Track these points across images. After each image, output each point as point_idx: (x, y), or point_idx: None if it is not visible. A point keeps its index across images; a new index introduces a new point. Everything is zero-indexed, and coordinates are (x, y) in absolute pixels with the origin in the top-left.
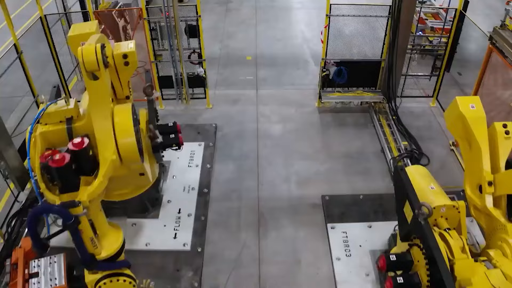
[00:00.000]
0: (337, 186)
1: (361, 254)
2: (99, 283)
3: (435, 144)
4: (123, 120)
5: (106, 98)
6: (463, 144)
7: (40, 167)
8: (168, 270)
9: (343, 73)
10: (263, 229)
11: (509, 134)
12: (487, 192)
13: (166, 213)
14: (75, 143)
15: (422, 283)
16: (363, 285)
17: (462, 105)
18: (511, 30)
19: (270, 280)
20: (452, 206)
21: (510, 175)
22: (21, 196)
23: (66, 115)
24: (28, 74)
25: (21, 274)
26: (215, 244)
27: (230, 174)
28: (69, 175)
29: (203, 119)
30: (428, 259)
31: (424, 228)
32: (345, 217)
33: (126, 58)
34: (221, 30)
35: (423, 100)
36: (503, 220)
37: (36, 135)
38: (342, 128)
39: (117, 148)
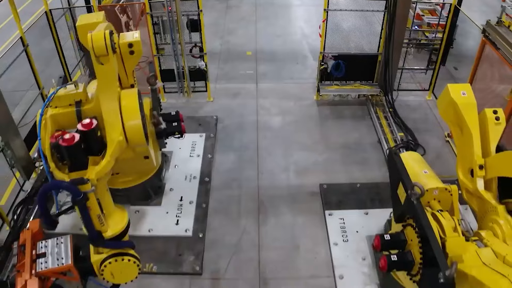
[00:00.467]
0: (335, 176)
1: (358, 240)
2: (104, 262)
3: (431, 136)
4: (129, 104)
5: (114, 81)
6: (455, 130)
7: (50, 147)
8: (170, 255)
9: (341, 66)
10: (263, 216)
11: (499, 120)
12: (478, 176)
13: (168, 201)
14: (84, 124)
15: (415, 261)
16: (359, 269)
17: (453, 92)
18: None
19: (270, 264)
20: (444, 189)
21: (500, 158)
22: (27, 185)
23: (75, 99)
24: (33, 67)
25: (28, 254)
26: (216, 230)
27: (230, 164)
28: (78, 154)
29: (204, 112)
30: (420, 237)
31: (417, 208)
32: (343, 204)
33: (132, 47)
34: (222, 26)
35: (419, 94)
36: (493, 202)
37: (47, 117)
38: (340, 120)
39: (124, 130)
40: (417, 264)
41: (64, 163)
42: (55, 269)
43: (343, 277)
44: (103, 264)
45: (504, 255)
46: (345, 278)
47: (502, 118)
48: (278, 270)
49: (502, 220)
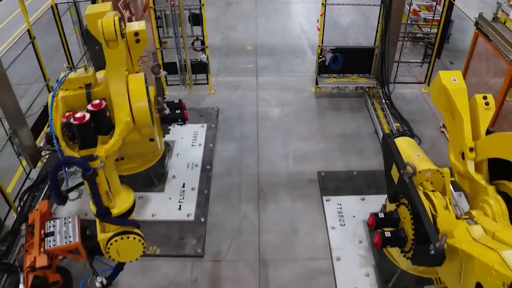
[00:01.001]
0: (332, 164)
1: (355, 224)
2: (110, 240)
3: (426, 126)
4: (137, 87)
5: (122, 65)
6: (446, 115)
7: (62, 126)
8: (173, 238)
9: (338, 59)
10: (263, 201)
11: (489, 105)
12: (469, 158)
13: (171, 187)
14: (94, 104)
15: (408, 237)
16: (356, 251)
17: (444, 78)
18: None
19: (269, 247)
20: (436, 171)
21: (489, 140)
22: (33, 173)
23: (85, 82)
24: (40, 58)
25: (37, 233)
26: (217, 215)
27: (231, 153)
28: (88, 132)
29: (206, 104)
30: (413, 214)
31: (409, 186)
32: (340, 191)
33: (137, 36)
34: (222, 22)
35: (415, 86)
36: (483, 183)
37: (58, 99)
38: (337, 112)
39: (131, 111)
40: (410, 241)
41: (75, 142)
42: (63, 247)
43: (340, 259)
44: (109, 242)
45: (494, 231)
46: (342, 260)
47: (492, 104)
48: (278, 253)
49: (492, 200)
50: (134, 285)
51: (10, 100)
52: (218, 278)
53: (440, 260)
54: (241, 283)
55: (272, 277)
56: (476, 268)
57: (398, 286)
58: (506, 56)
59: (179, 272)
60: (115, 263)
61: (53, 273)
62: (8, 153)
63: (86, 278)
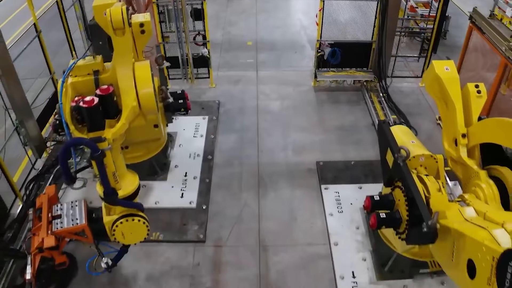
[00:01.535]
0: (330, 154)
1: (352, 211)
2: (116, 222)
3: (423, 119)
4: (142, 73)
5: (129, 52)
6: (440, 104)
7: (71, 109)
8: (175, 225)
9: (337, 54)
10: (263, 190)
11: (481, 93)
12: (461, 144)
13: (173, 176)
14: (103, 89)
15: (402, 218)
16: (353, 237)
17: (437, 67)
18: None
19: (269, 233)
20: (430, 156)
21: (480, 126)
22: (38, 164)
23: (94, 68)
24: (45, 51)
25: (45, 216)
26: (219, 203)
27: (232, 144)
28: (97, 116)
29: (207, 97)
30: (407, 196)
31: (403, 169)
32: (338, 179)
33: (143, 27)
34: (223, 19)
35: (412, 80)
36: (475, 168)
37: (67, 84)
38: (336, 105)
39: (137, 97)
40: (404, 222)
41: (84, 125)
42: (70, 229)
43: (338, 244)
44: (115, 224)
45: (485, 212)
46: (339, 245)
47: (484, 92)
48: (277, 239)
49: (484, 184)
50: (138, 269)
51: (17, 92)
52: (220, 262)
53: (433, 237)
54: (242, 267)
55: (272, 261)
56: (467, 245)
57: (394, 269)
58: (498, 48)
59: (181, 256)
60: (119, 247)
61: (59, 255)
62: (14, 143)
63: (92, 259)
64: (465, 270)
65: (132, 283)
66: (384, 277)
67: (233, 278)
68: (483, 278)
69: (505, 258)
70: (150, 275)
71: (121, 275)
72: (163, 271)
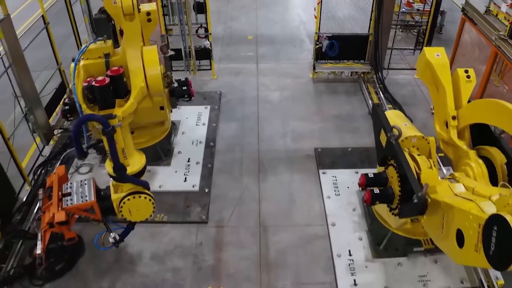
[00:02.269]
0: (328, 141)
1: (349, 194)
2: (123, 199)
3: (418, 109)
4: (150, 57)
5: (138, 36)
6: (431, 89)
7: (83, 88)
8: (179, 207)
9: (334, 46)
10: (263, 174)
11: (470, 78)
12: (452, 125)
13: (177, 162)
14: (113, 70)
15: (395, 194)
16: (350, 218)
17: (428, 54)
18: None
19: (269, 215)
20: (422, 137)
21: (469, 107)
22: (45, 151)
23: (104, 51)
24: (53, 42)
25: (55, 193)
26: (220, 186)
27: (233, 132)
28: (108, 94)
29: (209, 88)
30: (399, 173)
31: (395, 147)
32: (335, 165)
33: (149, 16)
34: (224, 14)
35: (408, 73)
36: (465, 148)
37: (80, 66)
38: (334, 95)
39: (145, 78)
40: (397, 197)
41: (95, 104)
42: (79, 205)
43: (335, 225)
44: (122, 201)
45: (473, 187)
46: (336, 226)
47: (473, 77)
48: (277, 220)
49: (473, 163)
50: (143, 249)
51: (27, 80)
52: (221, 242)
53: (423, 208)
54: (243, 246)
55: (272, 241)
56: (456, 216)
57: (389, 248)
58: (489, 38)
59: (185, 236)
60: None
61: (69, 231)
62: (23, 131)
63: (100, 234)
64: (454, 240)
65: (138, 261)
66: (379, 255)
67: (235, 257)
68: (470, 246)
69: (490, 223)
70: (154, 254)
71: (127, 254)
72: (167, 250)
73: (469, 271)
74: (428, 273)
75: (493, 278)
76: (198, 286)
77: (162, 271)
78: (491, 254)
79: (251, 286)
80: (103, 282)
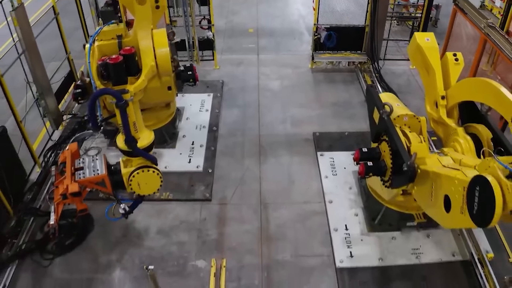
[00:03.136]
0: (326, 126)
1: (346, 174)
2: (133, 173)
3: (412, 97)
4: (159, 38)
5: (149, 19)
6: (422, 72)
7: (98, 66)
8: (184, 186)
9: (332, 37)
10: (263, 157)
11: (458, 60)
12: (441, 105)
13: (181, 145)
14: (126, 49)
15: (387, 166)
16: (347, 196)
17: (419, 38)
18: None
19: (269, 194)
20: (413, 116)
21: (456, 87)
22: (55, 135)
23: (117, 33)
24: (62, 31)
25: (69, 167)
26: (223, 168)
27: (235, 117)
28: (121, 71)
29: (212, 77)
30: (391, 147)
31: (387, 122)
32: (333, 147)
33: (157, 2)
34: (226, 8)
35: (403, 63)
36: (454, 125)
37: (94, 47)
38: (332, 84)
39: (155, 57)
40: (389, 170)
41: (108, 81)
42: (91, 178)
43: (332, 202)
44: (132, 175)
45: (460, 159)
46: (333, 203)
47: (461, 60)
48: (277, 198)
49: (461, 139)
50: (150, 224)
51: (38, 66)
52: (224, 218)
53: (412, 175)
54: (244, 222)
55: (272, 217)
56: (443, 183)
57: (383, 222)
58: (478, 26)
59: (189, 213)
60: None
61: (81, 203)
62: (33, 117)
63: (111, 206)
64: (442, 206)
65: (145, 236)
66: (374, 230)
67: (237, 231)
68: (457, 209)
69: (472, 184)
70: (160, 229)
71: (134, 229)
72: (172, 226)
73: (460, 245)
74: (421, 246)
75: (483, 251)
76: (202, 258)
77: (168, 245)
78: (474, 213)
79: (252, 258)
80: (111, 255)
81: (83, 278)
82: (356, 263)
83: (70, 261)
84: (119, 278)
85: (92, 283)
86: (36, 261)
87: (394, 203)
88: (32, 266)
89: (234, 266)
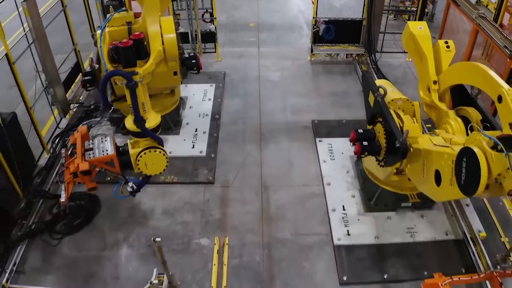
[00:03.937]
0: (325, 115)
1: (343, 158)
2: (140, 153)
3: (408, 87)
4: (167, 24)
5: (157, 6)
6: (415, 59)
7: (109, 50)
8: (188, 170)
9: (331, 30)
10: (264, 143)
11: (450, 48)
12: (433, 89)
13: (185, 131)
14: (136, 34)
15: (381, 146)
16: (344, 178)
17: (412, 27)
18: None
19: (270, 177)
20: (406, 100)
21: (447, 72)
22: (62, 123)
23: (127, 20)
24: (69, 23)
25: (79, 148)
26: (225, 153)
27: (237, 106)
28: (131, 54)
29: (214, 69)
30: (385, 128)
31: (381, 104)
32: (331, 134)
33: None
34: (227, 4)
35: (400, 56)
36: (445, 108)
37: (105, 32)
38: (330, 75)
39: (163, 42)
40: (383, 149)
41: (118, 64)
42: (101, 158)
43: (330, 184)
44: (139, 155)
45: (450, 138)
46: (331, 185)
47: (452, 47)
48: (277, 181)
49: (452, 121)
50: (155, 206)
51: (48, 56)
52: (227, 199)
53: (404, 152)
54: (246, 203)
55: (272, 198)
56: (434, 159)
57: (379, 203)
58: (470, 16)
59: (193, 195)
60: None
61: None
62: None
63: (119, 185)
64: (433, 181)
65: (150, 216)
66: (370, 210)
67: (239, 212)
68: (446, 181)
69: (460, 155)
70: (165, 210)
71: (140, 210)
72: (177, 207)
73: (453, 225)
74: (415, 225)
75: (475, 231)
76: (205, 237)
77: (173, 224)
78: (462, 184)
79: (254, 236)
80: (118, 234)
81: (91, 256)
82: (353, 241)
83: (78, 240)
84: (126, 255)
85: (100, 260)
86: (45, 240)
87: (389, 184)
88: (42, 245)
89: (236, 244)
